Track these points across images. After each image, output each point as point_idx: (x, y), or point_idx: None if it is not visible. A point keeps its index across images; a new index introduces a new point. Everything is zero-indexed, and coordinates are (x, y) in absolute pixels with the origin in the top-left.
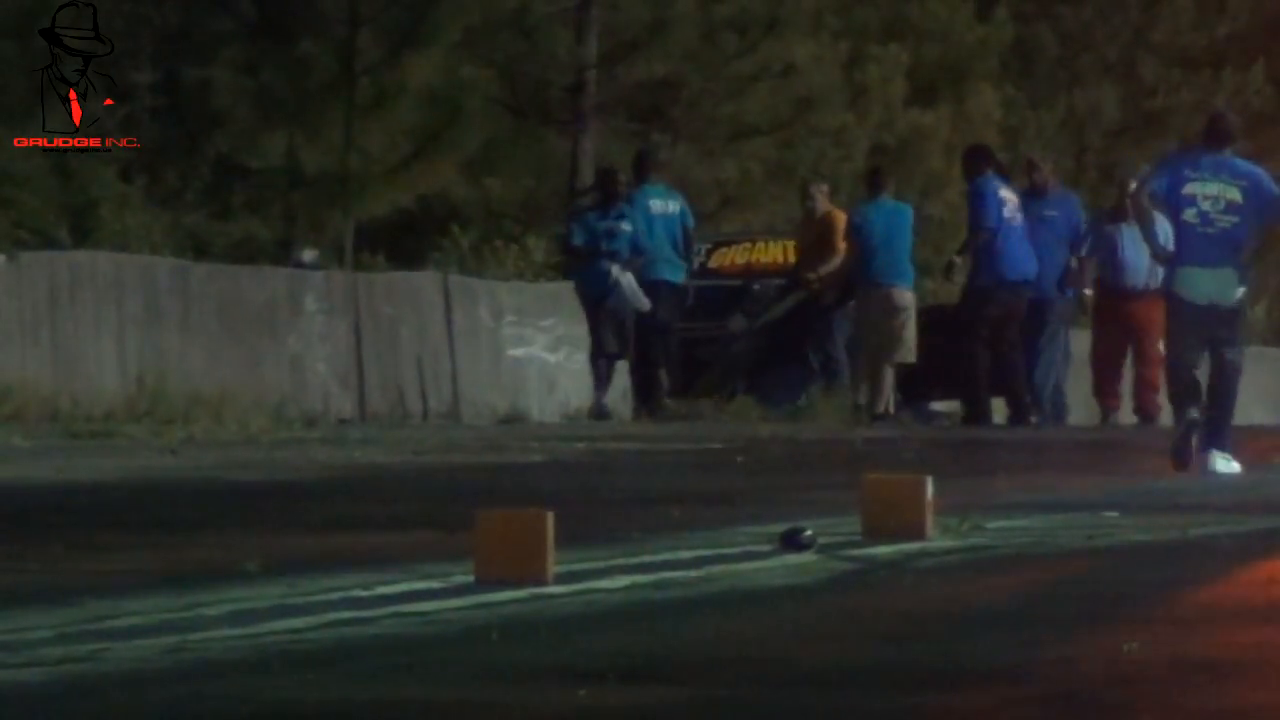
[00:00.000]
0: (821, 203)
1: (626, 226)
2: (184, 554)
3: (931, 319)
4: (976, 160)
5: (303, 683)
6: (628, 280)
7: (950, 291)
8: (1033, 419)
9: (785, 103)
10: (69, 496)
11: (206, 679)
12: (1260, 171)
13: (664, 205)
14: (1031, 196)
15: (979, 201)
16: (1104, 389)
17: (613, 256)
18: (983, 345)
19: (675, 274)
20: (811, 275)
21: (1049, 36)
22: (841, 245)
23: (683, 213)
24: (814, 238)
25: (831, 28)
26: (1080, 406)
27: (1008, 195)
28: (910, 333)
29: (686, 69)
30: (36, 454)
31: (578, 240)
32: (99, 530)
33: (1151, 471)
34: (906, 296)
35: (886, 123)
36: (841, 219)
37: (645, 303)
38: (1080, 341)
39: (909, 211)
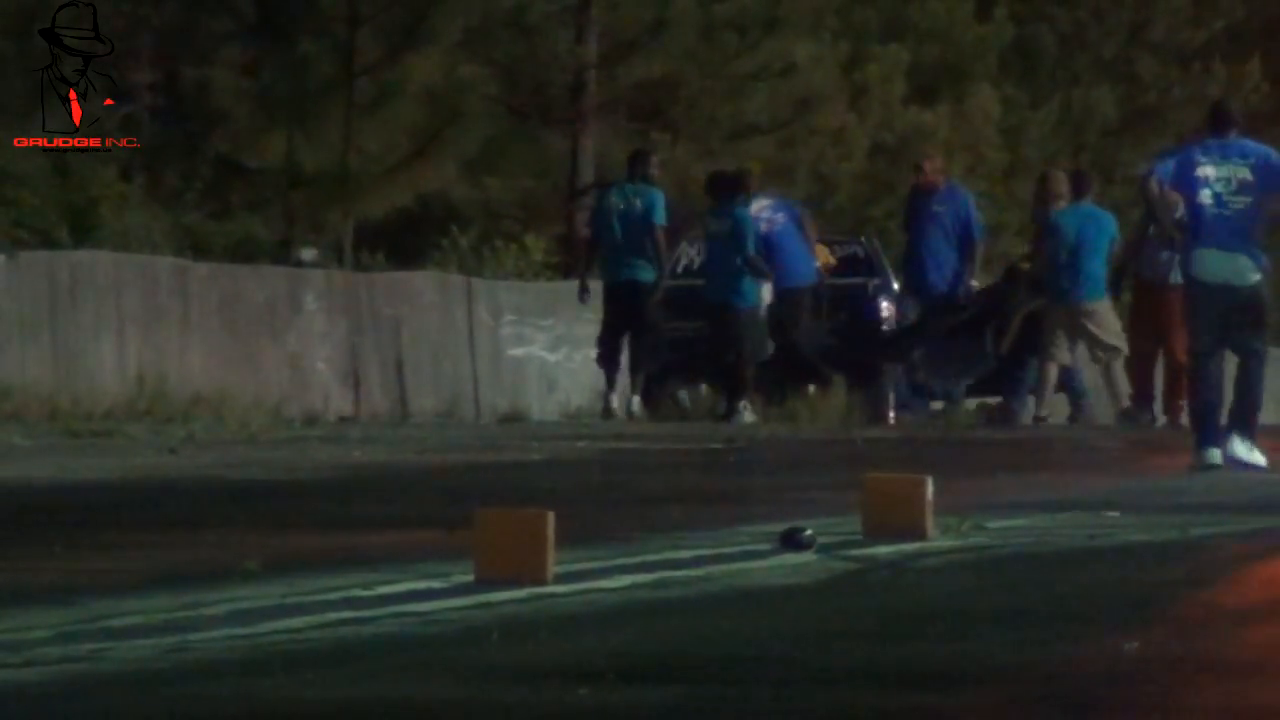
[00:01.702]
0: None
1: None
2: (184, 553)
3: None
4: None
5: (302, 682)
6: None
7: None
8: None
9: (785, 102)
10: (69, 496)
11: (206, 679)
12: (1268, 150)
13: (622, 203)
14: (921, 194)
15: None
16: (1135, 388)
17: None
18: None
19: (640, 274)
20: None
21: (1047, 36)
22: None
23: (649, 211)
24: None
25: (831, 27)
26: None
27: (759, 206)
28: (1100, 336)
29: (686, 69)
30: (37, 453)
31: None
32: (99, 530)
33: (1152, 471)
34: (1090, 306)
35: (886, 122)
36: None
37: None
38: None
39: (1108, 220)
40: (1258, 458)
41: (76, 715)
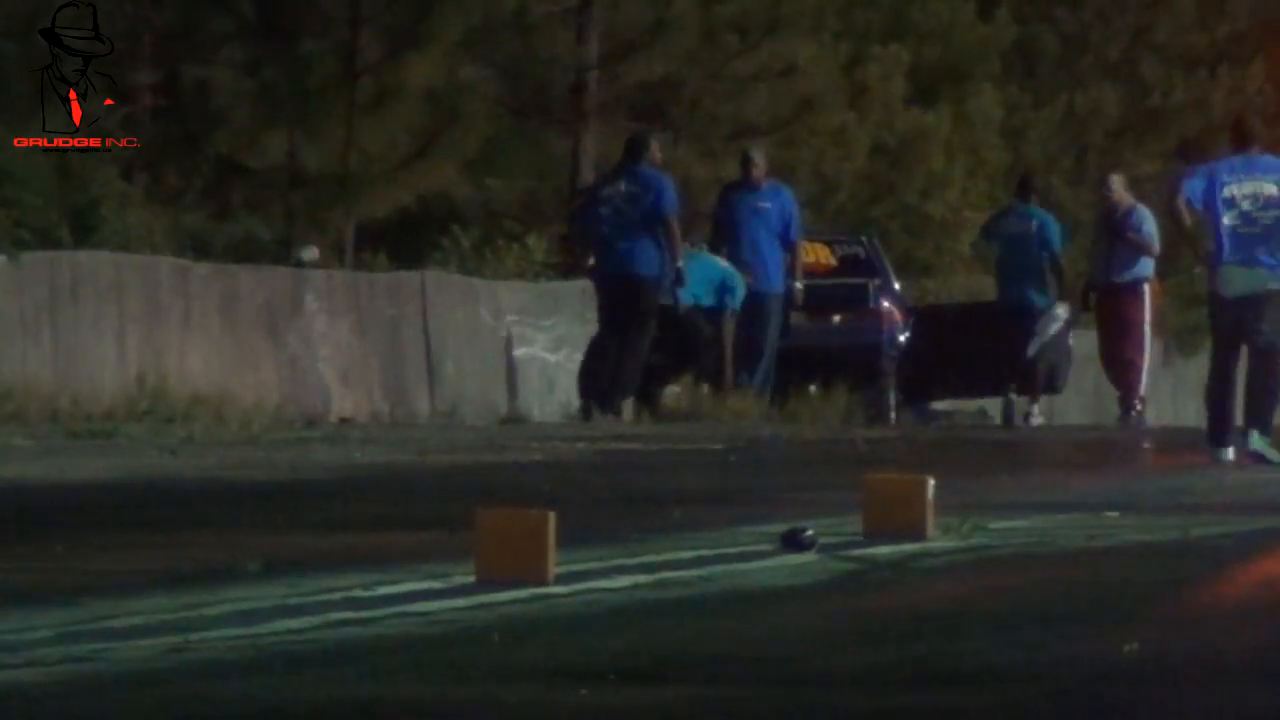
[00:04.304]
0: None
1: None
2: (184, 554)
3: (931, 319)
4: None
5: (303, 683)
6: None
7: (950, 291)
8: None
9: (786, 102)
10: (69, 496)
11: (207, 679)
12: None
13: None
14: (745, 190)
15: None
16: (1126, 390)
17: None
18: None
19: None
20: None
21: (1050, 37)
22: None
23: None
24: None
25: (832, 28)
26: (1083, 405)
27: (607, 194)
28: None
29: (687, 69)
30: (37, 454)
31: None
32: (99, 530)
33: (1152, 471)
34: None
35: (887, 122)
36: None
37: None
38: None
39: None
40: (1274, 454)
41: (77, 715)
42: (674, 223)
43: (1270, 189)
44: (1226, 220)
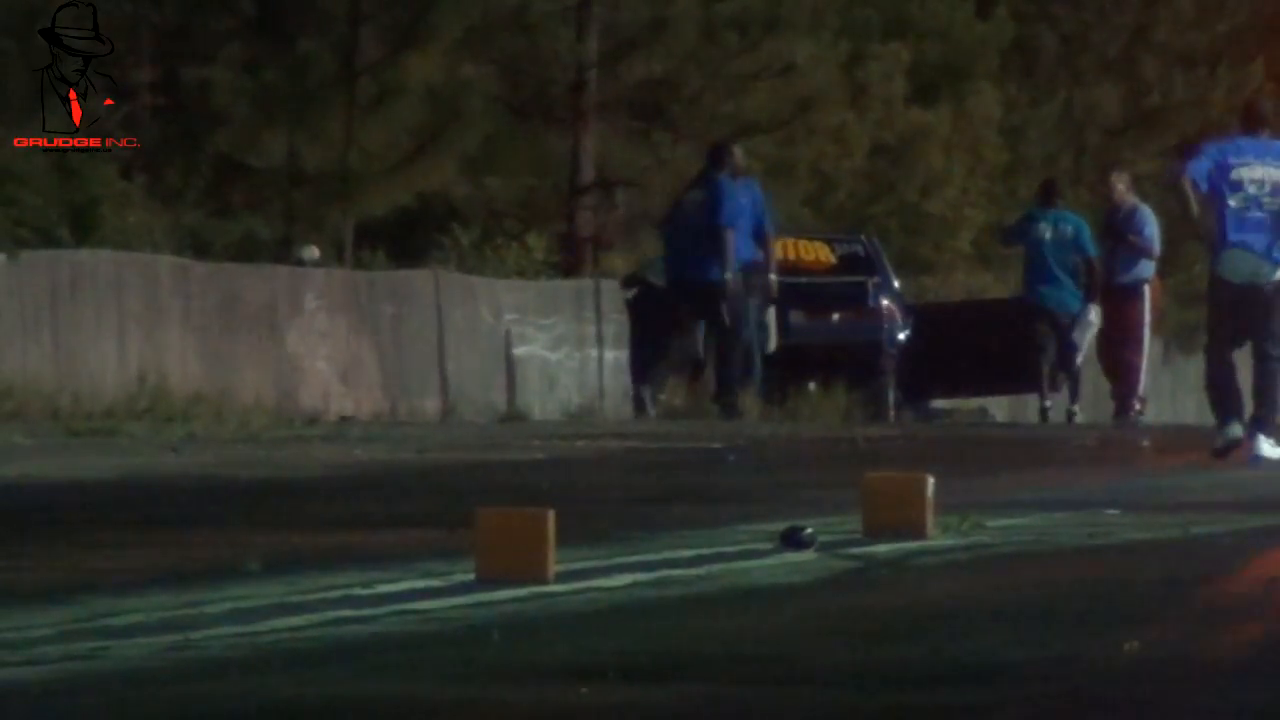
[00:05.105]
0: None
1: None
2: (185, 552)
3: (931, 318)
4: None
5: (303, 681)
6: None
7: (949, 289)
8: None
9: (786, 101)
10: (69, 495)
11: (207, 677)
12: None
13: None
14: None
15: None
16: (1129, 390)
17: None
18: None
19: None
20: None
21: (1049, 35)
22: None
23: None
24: None
25: (832, 26)
26: (1083, 405)
27: (684, 201)
28: None
29: (687, 67)
30: (37, 452)
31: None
32: (99, 528)
33: (1153, 469)
34: None
35: (886, 121)
36: None
37: None
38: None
39: None
40: (1275, 450)
41: (77, 713)
42: (725, 234)
43: (1279, 176)
44: (1232, 203)
